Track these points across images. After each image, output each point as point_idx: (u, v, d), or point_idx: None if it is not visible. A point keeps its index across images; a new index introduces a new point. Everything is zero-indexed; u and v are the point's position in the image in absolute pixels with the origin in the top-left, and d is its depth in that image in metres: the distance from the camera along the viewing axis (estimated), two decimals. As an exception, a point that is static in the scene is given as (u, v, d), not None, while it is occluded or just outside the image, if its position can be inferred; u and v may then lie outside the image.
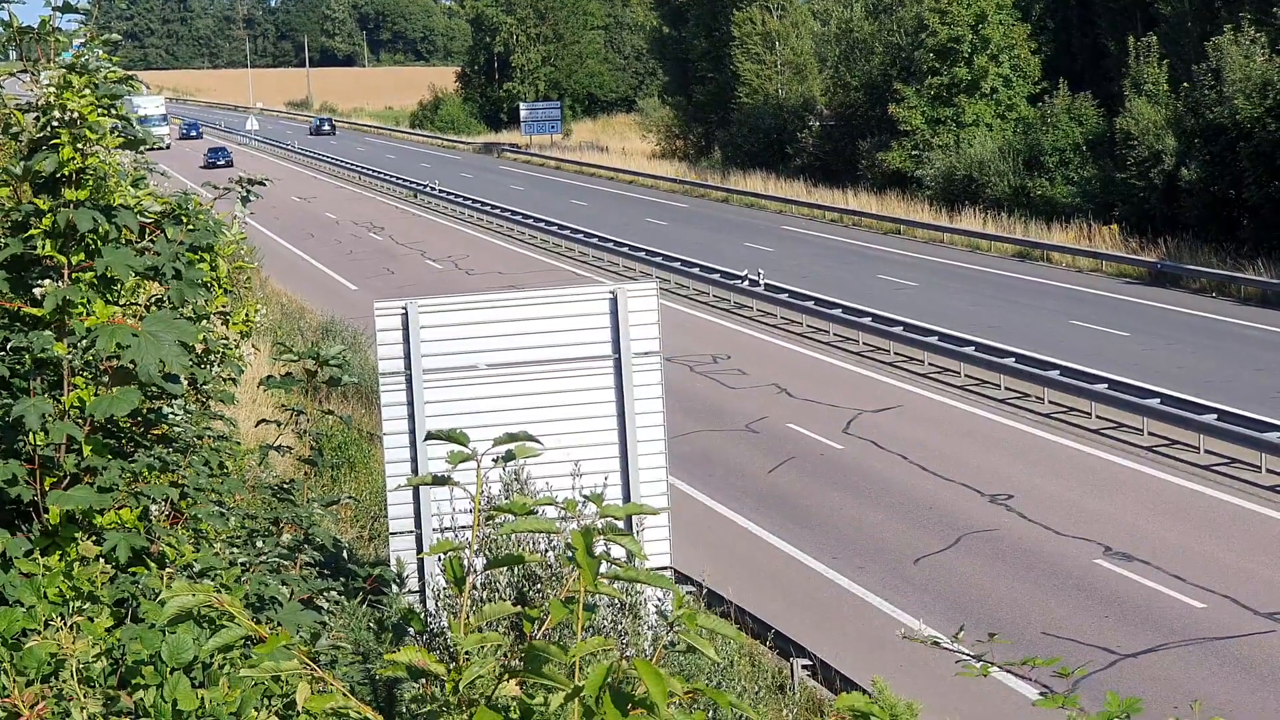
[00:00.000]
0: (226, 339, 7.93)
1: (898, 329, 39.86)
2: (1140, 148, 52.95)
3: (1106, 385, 32.58)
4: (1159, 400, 31.12)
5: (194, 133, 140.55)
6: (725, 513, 27.61)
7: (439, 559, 4.23)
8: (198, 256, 6.82)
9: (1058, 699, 5.34)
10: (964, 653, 6.97)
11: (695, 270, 51.56)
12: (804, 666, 19.04)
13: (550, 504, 4.44)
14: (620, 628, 14.49)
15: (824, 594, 23.57)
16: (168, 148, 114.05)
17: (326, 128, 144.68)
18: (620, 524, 4.21)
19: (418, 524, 16.69)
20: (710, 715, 4.06)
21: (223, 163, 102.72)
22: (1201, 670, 19.81)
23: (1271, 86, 47.09)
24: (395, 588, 12.11)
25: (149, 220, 6.64)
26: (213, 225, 7.00)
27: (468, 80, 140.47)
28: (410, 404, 16.93)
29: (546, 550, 14.64)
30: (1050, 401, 33.77)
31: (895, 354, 39.30)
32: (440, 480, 4.29)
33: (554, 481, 15.24)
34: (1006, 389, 35.13)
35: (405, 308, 17.20)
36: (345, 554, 9.87)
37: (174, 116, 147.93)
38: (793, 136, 79.49)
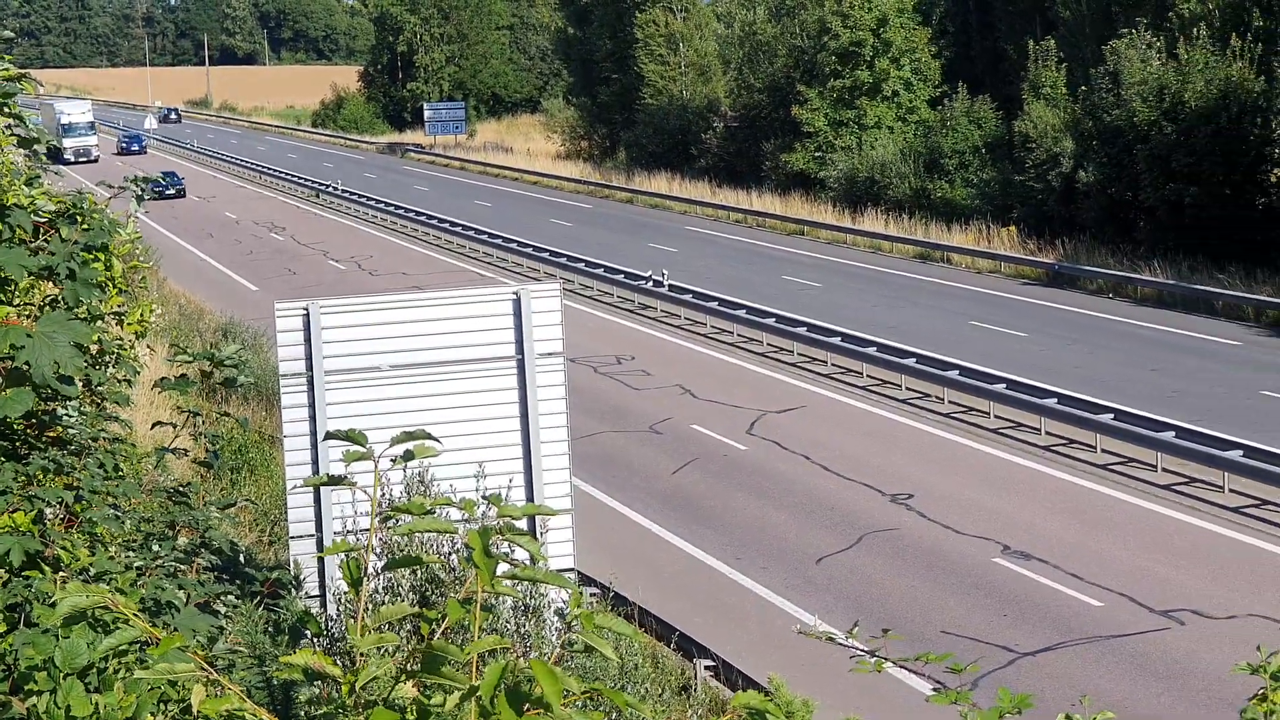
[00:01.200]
0: (121, 340, 7.84)
1: (801, 330, 40.08)
2: (1038, 150, 53.58)
3: (1005, 385, 32.95)
4: (1056, 400, 31.51)
5: (136, 146, 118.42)
6: (629, 514, 27.65)
7: (340, 562, 4.22)
8: (92, 256, 6.74)
9: (951, 694, 5.41)
10: (858, 648, 7.02)
11: (599, 271, 51.58)
12: (707, 667, 19.11)
13: (450, 504, 4.42)
14: (523, 630, 14.47)
15: (727, 594, 23.66)
16: (95, 160, 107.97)
17: (174, 116, 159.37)
18: (522, 525, 4.22)
19: (319, 527, 16.59)
20: (612, 716, 4.08)
21: (172, 192, 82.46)
22: (1099, 668, 20.08)
23: (1168, 90, 47.79)
24: (293, 591, 12.02)
25: (43, 220, 6.56)
26: (107, 224, 6.92)
27: (371, 80, 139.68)
28: (311, 405, 16.83)
29: (450, 553, 14.60)
30: (950, 401, 34.11)
31: (799, 354, 39.53)
32: (337, 480, 4.27)
33: (458, 484, 15.21)
34: (908, 389, 35.44)
35: (307, 308, 17.09)
36: (243, 558, 9.80)
37: (108, 126, 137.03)
38: (697, 137, 79.72)
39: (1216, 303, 42.88)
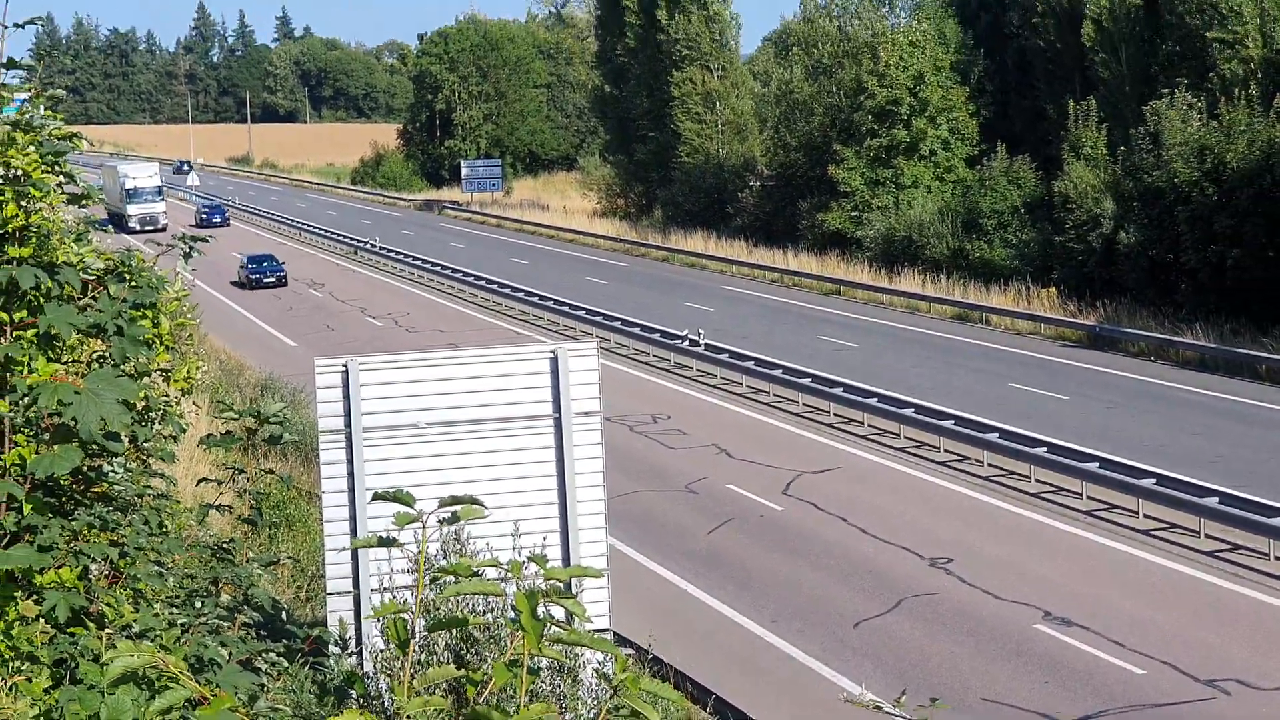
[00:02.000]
0: (167, 396, 7.86)
1: (837, 390, 39.97)
2: (1079, 211, 53.46)
3: (1045, 449, 32.74)
4: (1098, 464, 31.29)
5: (218, 218, 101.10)
6: (665, 574, 27.53)
7: (376, 620, 4.20)
8: (140, 313, 6.76)
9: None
10: (906, 718, 6.98)
11: (636, 330, 51.62)
12: (741, 730, 19.01)
13: (494, 565, 4.41)
14: (559, 691, 14.39)
15: (763, 657, 23.50)
16: (162, 229, 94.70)
17: (185, 168, 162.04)
18: (562, 585, 4.19)
19: (356, 584, 16.56)
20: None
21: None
22: (1140, 733, 19.85)
23: (1209, 151, 47.69)
24: (338, 650, 11.99)
25: (91, 277, 6.59)
26: (155, 282, 6.95)
27: (409, 137, 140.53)
28: (350, 462, 16.82)
29: (485, 612, 14.55)
30: (989, 464, 33.91)
31: (835, 415, 39.40)
32: (386, 542, 4.26)
33: (493, 541, 15.15)
34: (946, 451, 35.26)
35: (346, 365, 17.12)
36: (284, 615, 9.79)
37: (181, 193, 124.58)
38: (733, 196, 79.85)
39: (1260, 367, 42.58)
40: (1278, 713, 20.00)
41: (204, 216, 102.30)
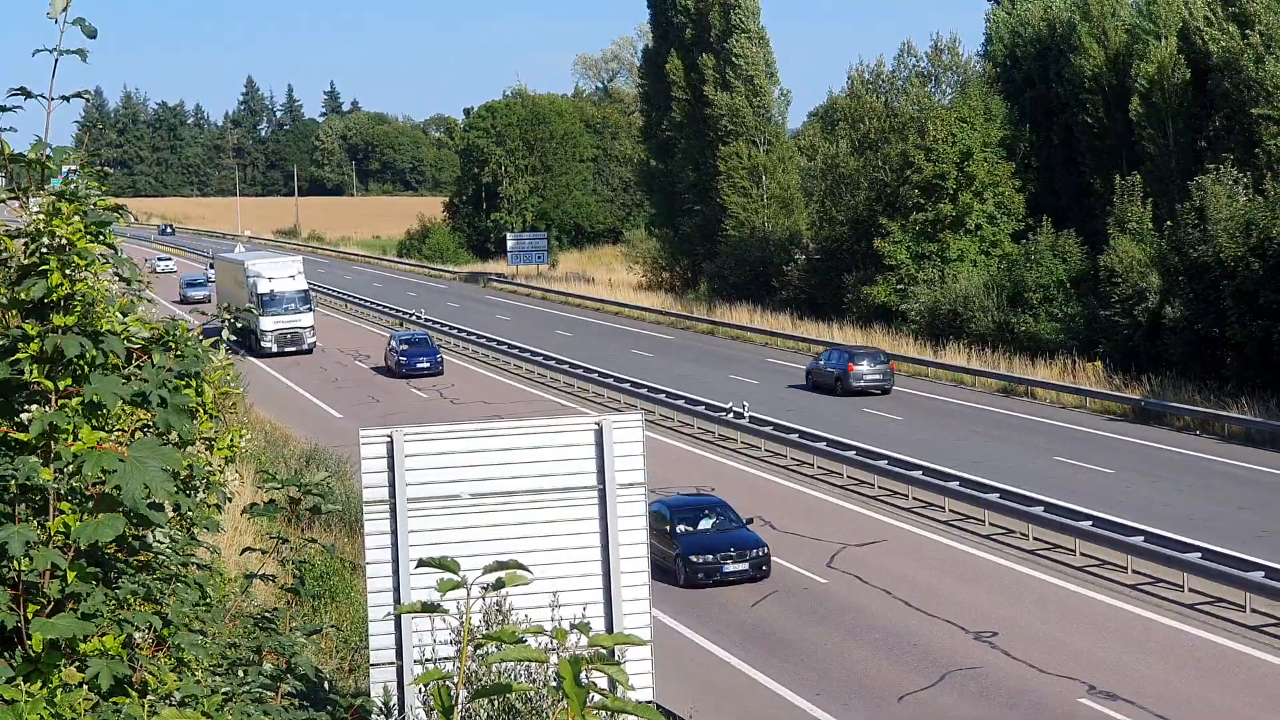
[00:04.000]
0: (211, 465, 7.91)
1: (882, 463, 39.84)
2: (1124, 285, 53.35)
3: (1090, 522, 32.54)
4: (1143, 538, 31.07)
5: (428, 362, 64.00)
6: (709, 646, 27.41)
7: (419, 691, 4.20)
8: (184, 383, 6.82)
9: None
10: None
11: (680, 402, 51.63)
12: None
13: (539, 633, 4.42)
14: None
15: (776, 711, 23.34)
16: (309, 351, 71.26)
17: (169, 230, 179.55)
18: (605, 653, 4.20)
19: (399, 655, 16.55)
20: None
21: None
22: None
23: (1255, 225, 47.57)
24: (380, 718, 11.99)
25: (136, 346, 6.65)
26: (201, 352, 7.01)
27: (455, 210, 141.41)
28: (394, 532, 16.87)
29: (528, 681, 14.51)
30: (1035, 538, 33.71)
31: (879, 488, 39.26)
32: (430, 608, 4.27)
33: (534, 613, 15.14)
34: (991, 525, 35.07)
35: (391, 436, 17.19)
36: (327, 685, 9.79)
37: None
38: (778, 269, 79.99)
39: (1306, 440, 42.30)
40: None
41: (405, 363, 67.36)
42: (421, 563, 4.48)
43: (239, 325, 57.84)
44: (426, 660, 15.50)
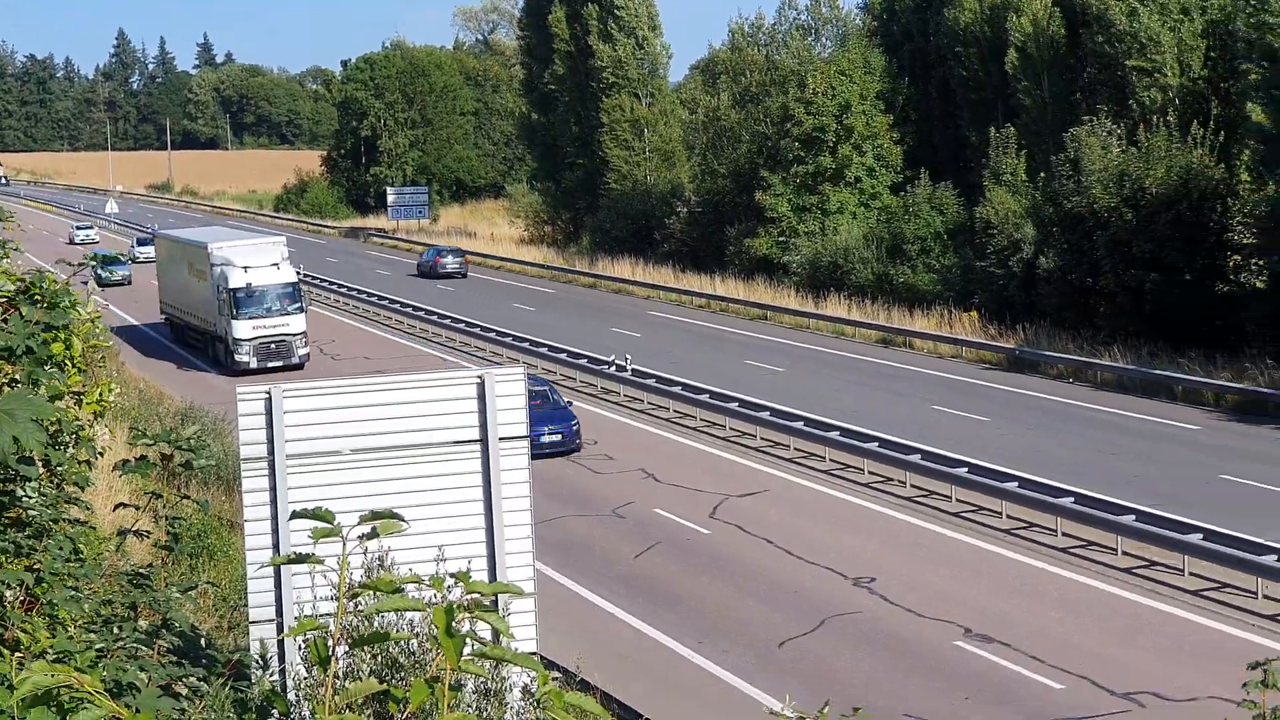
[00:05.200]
0: (80, 420, 7.80)
1: (764, 414, 40.12)
2: (1000, 236, 54.01)
3: (966, 469, 33.02)
4: (1017, 484, 31.59)
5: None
6: (592, 598, 27.53)
7: (299, 648, 4.19)
8: (53, 335, 6.72)
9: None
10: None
11: (562, 355, 51.62)
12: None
13: (416, 581, 4.41)
14: (485, 715, 14.35)
15: (690, 678, 23.54)
16: (300, 366, 53.53)
17: (4, 181, 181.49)
18: (487, 602, 4.20)
19: (279, 611, 16.44)
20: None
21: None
22: (1062, 751, 20.01)
23: (1128, 176, 48.28)
24: (258, 672, 11.91)
25: (3, 299, 6.55)
26: (69, 303, 6.91)
27: (334, 164, 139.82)
28: (273, 490, 16.72)
29: (412, 637, 14.49)
30: (912, 485, 34.15)
31: (761, 439, 39.55)
32: (304, 558, 4.26)
33: (418, 568, 15.06)
34: (870, 473, 35.47)
35: (269, 392, 17.02)
36: (204, 641, 9.72)
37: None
38: (661, 222, 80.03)
39: (1176, 388, 43.14)
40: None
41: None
42: (295, 515, 4.46)
43: (198, 326, 48.50)
44: (307, 616, 15.43)
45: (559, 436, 38.28)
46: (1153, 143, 48.53)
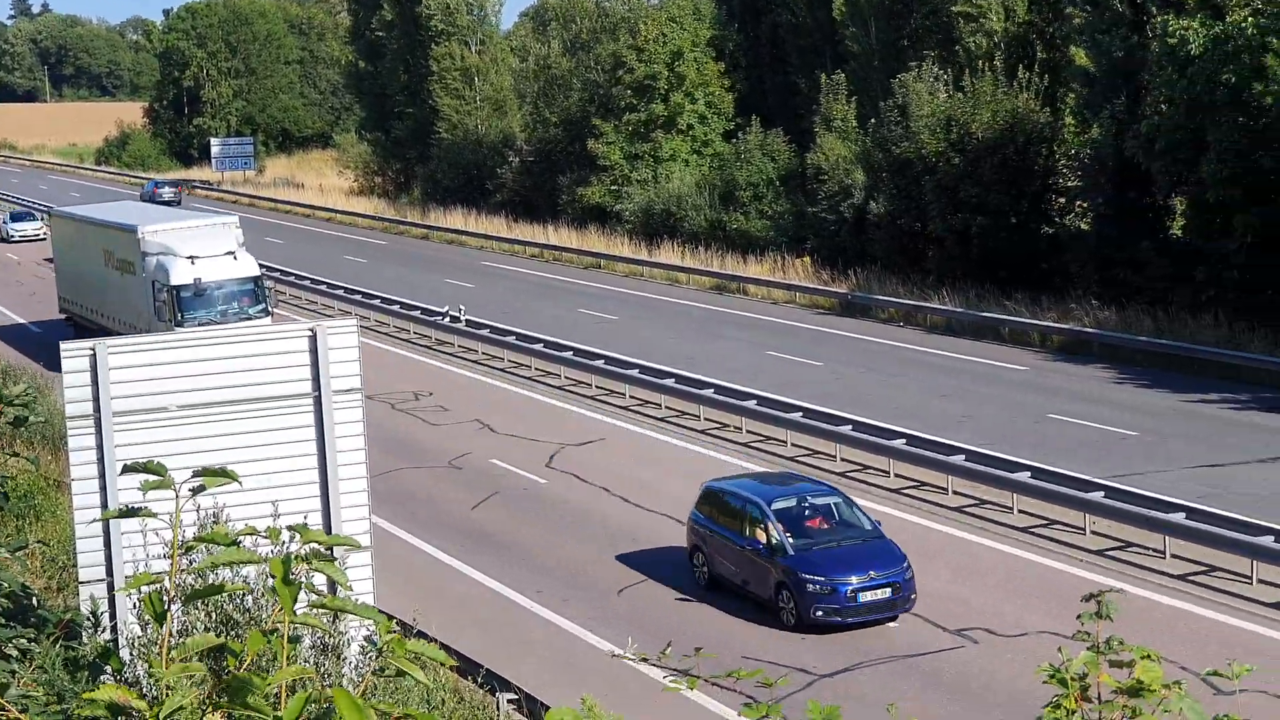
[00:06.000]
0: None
1: (599, 363, 40.18)
2: (830, 182, 54.52)
3: (801, 414, 33.39)
4: (851, 427, 32.02)
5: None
6: (430, 550, 27.44)
7: (131, 607, 4.12)
8: None
9: (762, 708, 5.47)
10: (671, 668, 7.10)
11: (395, 307, 51.24)
12: (510, 700, 19.00)
13: (252, 534, 4.35)
14: (323, 670, 14.25)
15: (530, 628, 23.59)
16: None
17: None
18: (322, 554, 4.16)
19: (109, 570, 16.18)
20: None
21: None
22: (896, 687, 20.38)
23: (955, 122, 48.96)
24: (90, 631, 11.70)
25: None
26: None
27: (157, 116, 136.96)
28: (100, 447, 16.41)
29: (246, 595, 14.33)
30: (748, 431, 34.46)
31: (597, 388, 39.62)
32: (135, 511, 4.17)
33: (254, 523, 14.92)
34: (706, 419, 35.72)
35: (94, 348, 16.68)
36: (35, 601, 9.51)
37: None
38: (492, 172, 79.60)
39: (1004, 330, 43.98)
40: (1021, 657, 20.71)
41: None
42: (127, 469, 4.37)
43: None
44: (140, 573, 15.19)
45: (886, 591, 22.75)
46: (979, 88, 49.24)
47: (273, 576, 3.80)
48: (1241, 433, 32.41)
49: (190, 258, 40.86)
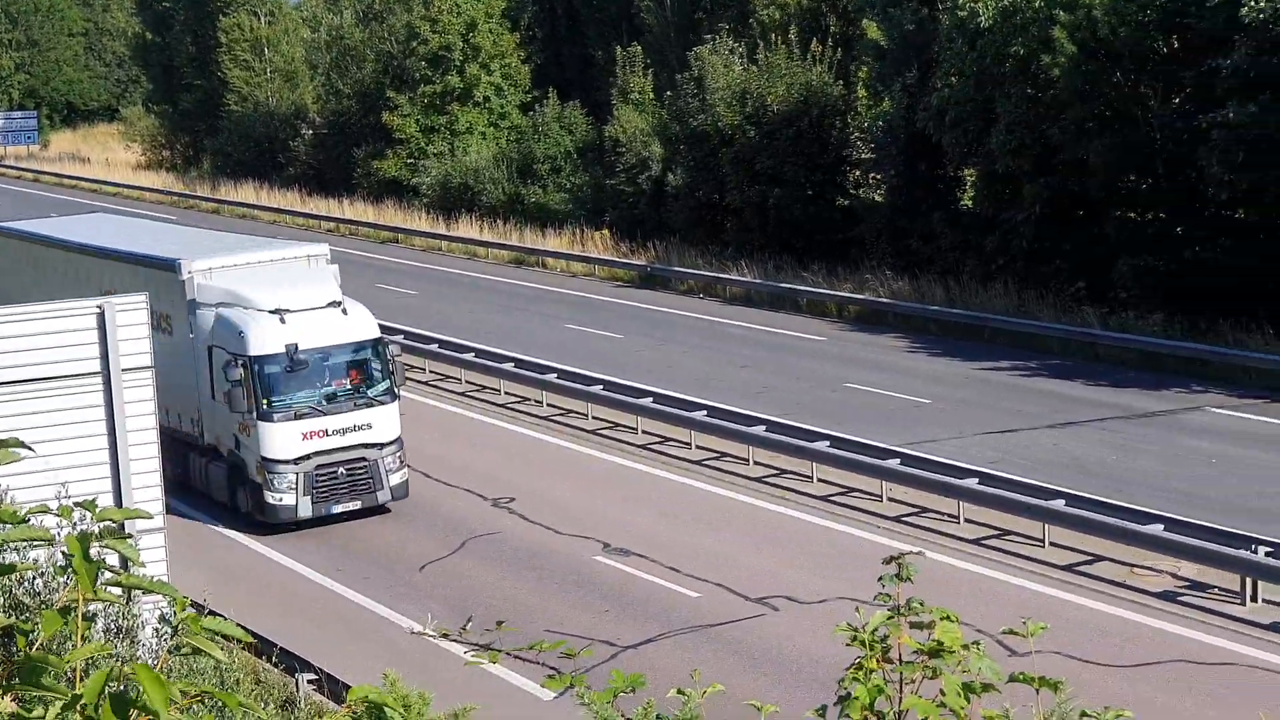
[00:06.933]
0: None
1: (398, 337, 39.72)
2: (628, 155, 54.64)
3: (602, 386, 33.44)
4: (651, 399, 32.15)
5: None
6: (226, 531, 26.95)
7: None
8: None
9: (566, 679, 5.43)
10: (472, 643, 7.04)
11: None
12: (310, 681, 18.75)
13: (44, 511, 4.19)
14: (117, 651, 13.90)
15: (330, 608, 23.31)
16: (383, 509, 28.70)
17: None
18: (116, 530, 4.01)
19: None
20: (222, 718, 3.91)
21: None
22: (699, 656, 20.48)
23: (749, 94, 49.35)
24: None
25: None
26: None
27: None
28: (-121, 428, 15.78)
29: (35, 577, 13.91)
30: (549, 405, 34.42)
31: (396, 362, 39.20)
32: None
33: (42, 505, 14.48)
34: (507, 394, 35.61)
35: None
36: None
37: None
38: (285, 145, 78.34)
39: (801, 300, 44.52)
40: (819, 624, 20.94)
41: None
42: (-98, 443, 4.14)
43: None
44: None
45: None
46: (773, 61, 49.68)
47: (69, 555, 3.65)
48: (1031, 399, 33.24)
49: (277, 312, 26.97)
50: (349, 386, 27.32)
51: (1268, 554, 21.57)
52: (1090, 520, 23.82)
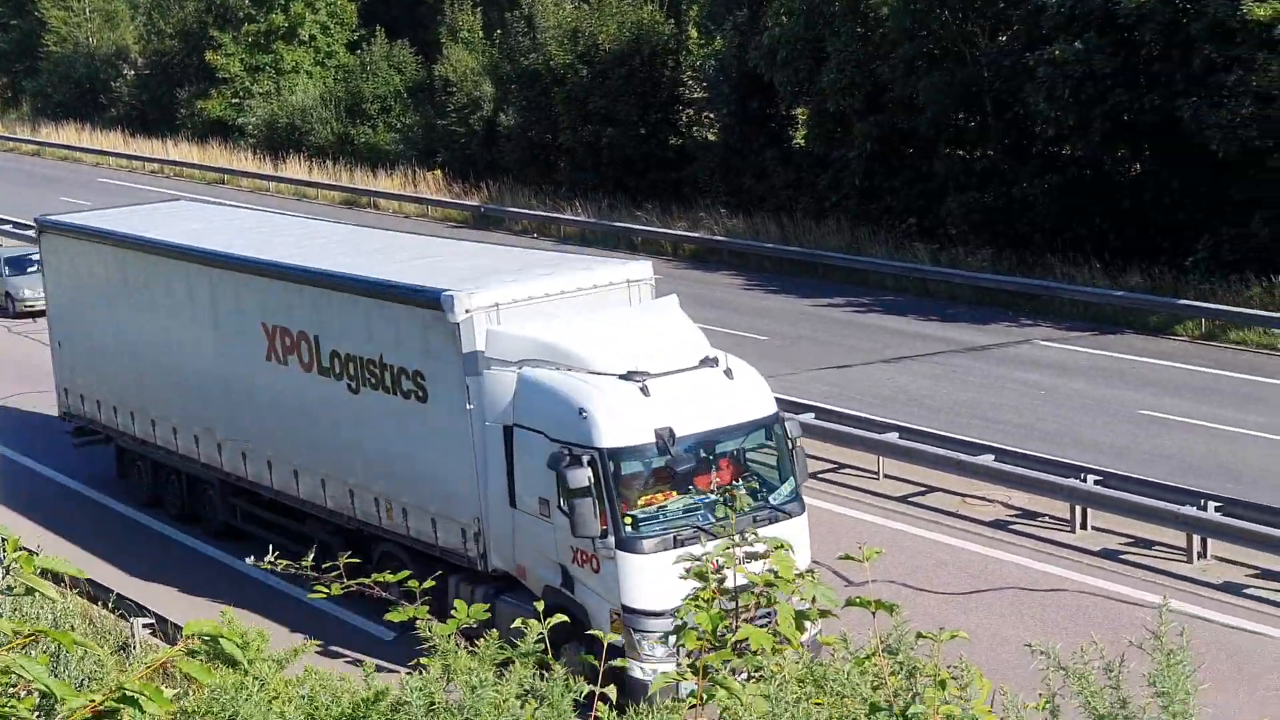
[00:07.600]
0: None
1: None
2: (459, 94, 54.12)
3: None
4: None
5: None
6: (43, 470, 26.42)
7: None
8: None
9: (409, 610, 5.36)
10: (315, 577, 6.95)
11: (7, 228, 48.87)
12: (145, 625, 18.42)
13: None
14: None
15: (163, 550, 22.93)
16: None
17: None
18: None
19: None
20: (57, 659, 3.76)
21: None
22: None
23: (581, 33, 49.10)
24: None
25: None
26: None
27: None
28: None
29: None
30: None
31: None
32: None
33: None
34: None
35: None
36: None
37: None
38: (106, 86, 76.52)
39: (636, 239, 44.53)
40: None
41: None
42: None
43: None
44: None
45: None
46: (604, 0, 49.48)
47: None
48: (865, 334, 33.62)
49: (632, 377, 17.84)
50: (743, 491, 17.62)
51: (1096, 482, 22.08)
52: (922, 452, 24.19)
